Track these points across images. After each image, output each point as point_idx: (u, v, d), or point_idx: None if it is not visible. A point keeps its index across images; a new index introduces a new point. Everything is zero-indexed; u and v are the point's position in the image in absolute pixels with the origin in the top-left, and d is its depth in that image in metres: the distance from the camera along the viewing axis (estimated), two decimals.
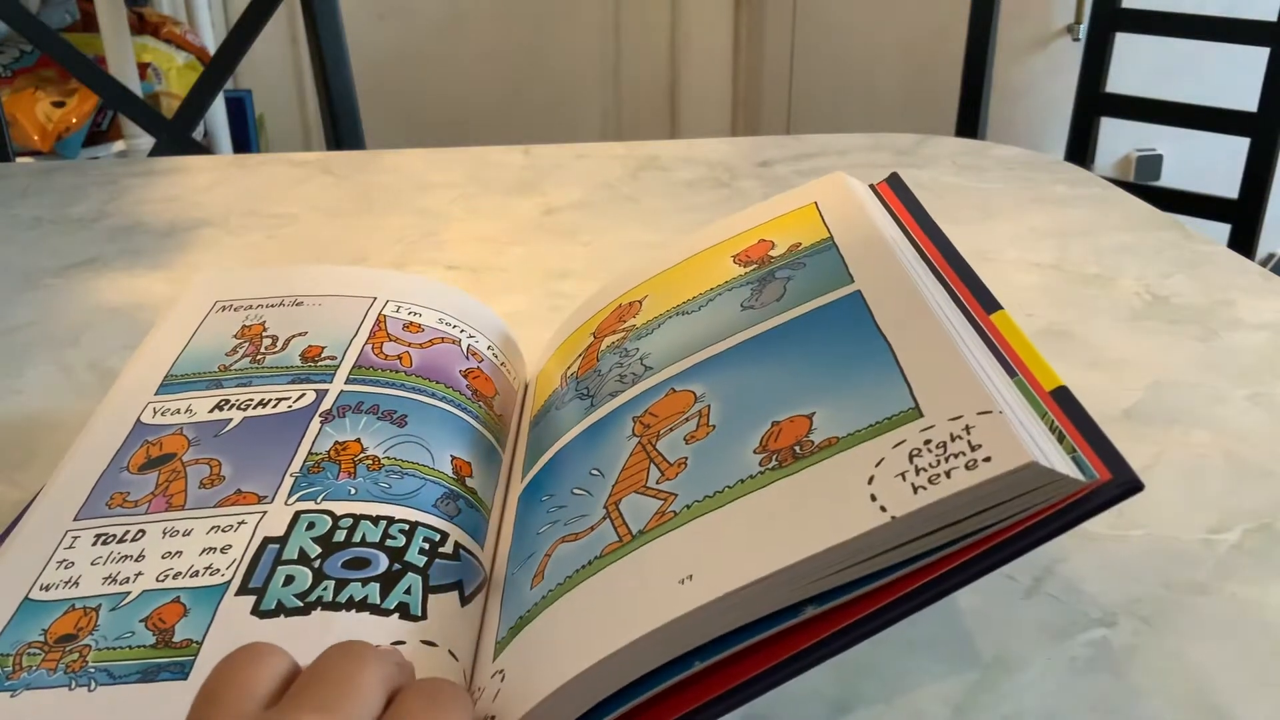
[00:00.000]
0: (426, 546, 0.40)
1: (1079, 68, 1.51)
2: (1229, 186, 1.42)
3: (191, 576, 0.39)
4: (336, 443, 0.44)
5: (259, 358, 0.50)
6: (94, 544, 0.41)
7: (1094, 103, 1.50)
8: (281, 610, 0.37)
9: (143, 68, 1.84)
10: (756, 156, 0.98)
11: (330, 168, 0.97)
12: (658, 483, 0.37)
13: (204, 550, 0.40)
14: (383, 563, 0.39)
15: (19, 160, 1.39)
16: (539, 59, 2.47)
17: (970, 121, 1.56)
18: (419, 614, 0.38)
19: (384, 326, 0.52)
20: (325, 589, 0.38)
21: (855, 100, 2.36)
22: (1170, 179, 2.20)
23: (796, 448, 0.35)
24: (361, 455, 0.44)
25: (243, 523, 0.41)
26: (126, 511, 0.42)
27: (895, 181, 0.51)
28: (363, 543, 0.40)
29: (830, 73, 2.36)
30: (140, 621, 0.37)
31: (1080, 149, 1.52)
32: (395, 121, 2.39)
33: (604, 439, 0.42)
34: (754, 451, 0.36)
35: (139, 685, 0.35)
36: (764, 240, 0.49)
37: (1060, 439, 0.33)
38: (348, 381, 0.48)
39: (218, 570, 0.39)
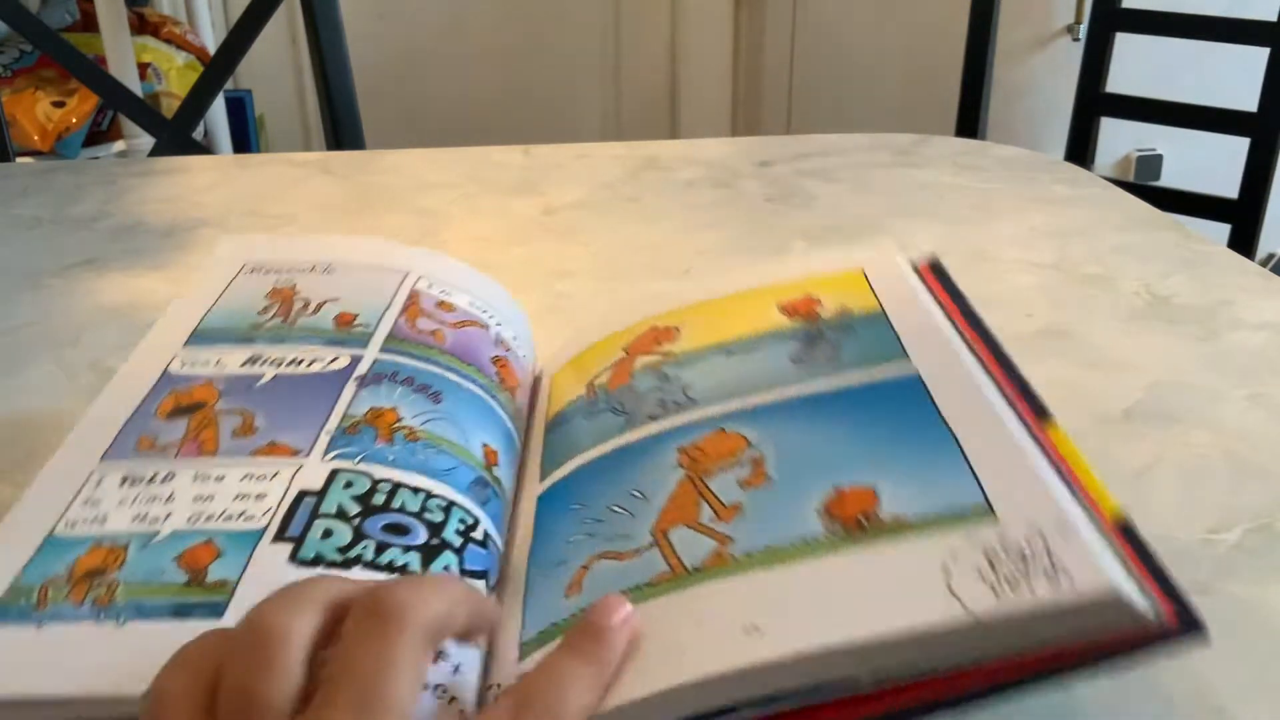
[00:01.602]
0: (461, 528, 0.39)
1: (1079, 68, 1.51)
2: (1229, 186, 1.42)
3: (225, 520, 0.38)
4: (373, 408, 0.43)
5: (291, 319, 0.49)
6: (121, 484, 0.40)
7: (1094, 103, 1.50)
8: (321, 561, 0.36)
9: (143, 68, 1.84)
10: (756, 156, 0.98)
11: (330, 168, 0.97)
12: (712, 521, 0.37)
13: (237, 496, 0.39)
14: (422, 534, 0.38)
15: (19, 160, 1.39)
16: (539, 59, 2.47)
17: (970, 121, 1.56)
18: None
19: (417, 301, 0.51)
20: (366, 548, 0.37)
21: (855, 100, 2.36)
22: (1170, 179, 2.20)
23: (862, 518, 0.35)
24: (398, 424, 0.43)
25: (277, 473, 0.40)
26: (155, 455, 0.41)
27: (936, 266, 0.51)
28: (402, 510, 0.39)
29: (830, 73, 2.36)
30: (172, 560, 0.36)
31: (1080, 149, 1.52)
32: (395, 121, 2.39)
33: (645, 462, 0.42)
34: (816, 513, 0.36)
35: (171, 622, 0.34)
36: (810, 297, 0.50)
37: (1128, 571, 0.33)
38: (382, 350, 0.47)
39: (252, 516, 0.38)
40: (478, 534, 0.40)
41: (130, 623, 0.34)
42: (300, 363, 0.46)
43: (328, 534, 0.37)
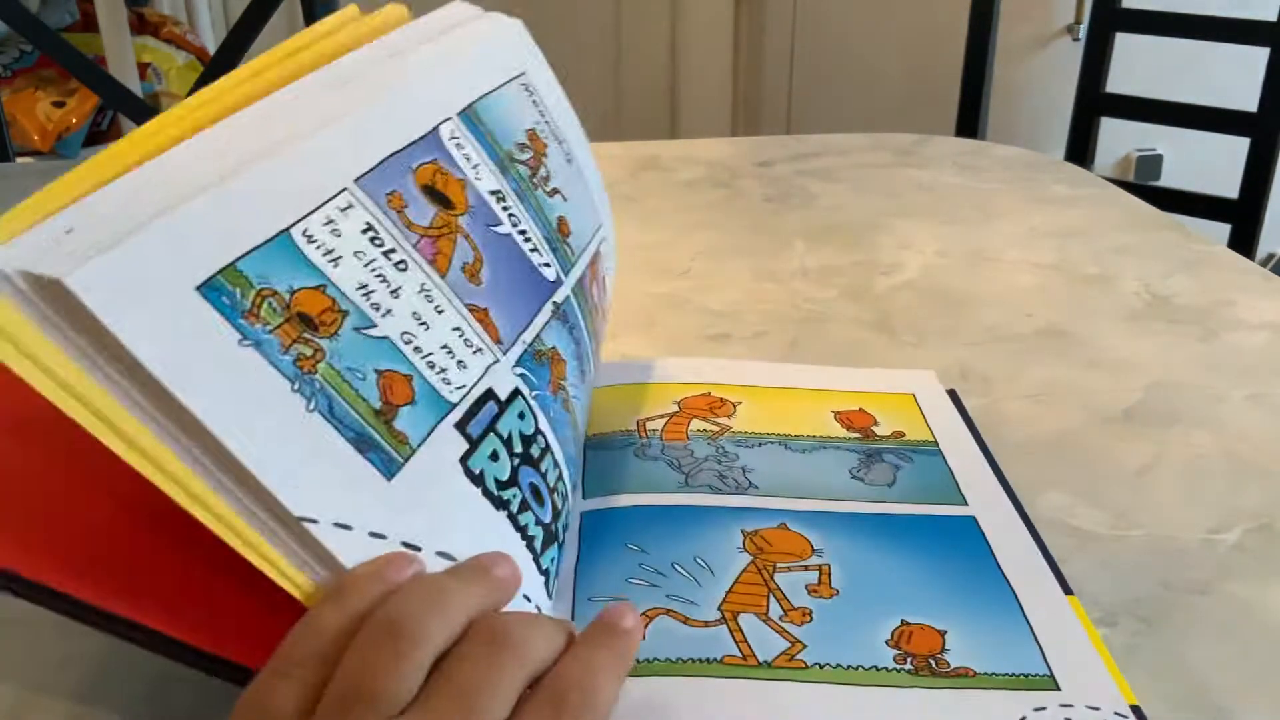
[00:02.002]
0: (564, 526, 0.38)
1: (1079, 68, 1.51)
2: (1229, 186, 1.41)
3: (428, 364, 0.34)
4: (555, 348, 0.40)
5: (534, 182, 0.43)
6: (364, 231, 0.34)
7: (1094, 103, 1.50)
8: (482, 483, 0.34)
9: (143, 68, 1.84)
10: (756, 156, 0.98)
11: None
12: (781, 620, 0.39)
13: (444, 346, 0.35)
14: (548, 513, 0.37)
15: (19, 160, 1.39)
16: None
17: (970, 121, 1.55)
18: (551, 592, 0.36)
19: (597, 264, 0.48)
20: (514, 498, 0.35)
21: (855, 100, 2.36)
22: (1170, 179, 2.19)
23: (932, 661, 0.38)
24: (563, 384, 0.40)
25: (480, 350, 0.36)
26: (400, 228, 0.35)
27: (954, 398, 0.55)
28: (544, 478, 0.37)
29: (830, 73, 2.36)
30: (375, 371, 0.32)
31: (1080, 149, 1.51)
32: None
33: (708, 533, 0.43)
34: (886, 643, 0.38)
35: (349, 448, 0.31)
36: (865, 411, 0.53)
37: None
38: (573, 290, 0.43)
39: (449, 380, 0.34)
40: (565, 538, 0.39)
41: (315, 417, 0.30)
42: (528, 239, 0.41)
43: (495, 457, 0.35)
